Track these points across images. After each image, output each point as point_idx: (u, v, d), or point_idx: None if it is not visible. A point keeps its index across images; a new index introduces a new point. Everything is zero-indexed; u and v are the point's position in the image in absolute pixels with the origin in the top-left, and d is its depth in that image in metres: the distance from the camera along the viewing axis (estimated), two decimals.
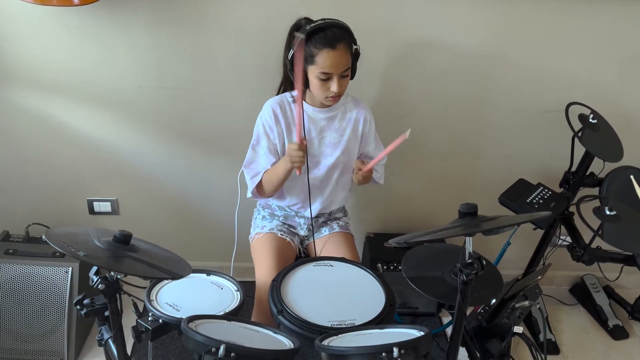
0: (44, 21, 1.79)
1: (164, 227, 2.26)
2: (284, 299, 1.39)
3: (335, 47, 1.48)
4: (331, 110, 1.69)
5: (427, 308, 2.23)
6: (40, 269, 1.83)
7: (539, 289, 1.86)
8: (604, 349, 2.23)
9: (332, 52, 1.48)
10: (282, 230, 1.81)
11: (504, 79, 2.00)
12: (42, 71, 1.87)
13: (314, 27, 1.49)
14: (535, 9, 1.86)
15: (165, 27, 1.83)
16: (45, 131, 1.99)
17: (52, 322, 1.86)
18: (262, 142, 1.69)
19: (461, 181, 2.25)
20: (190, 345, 1.11)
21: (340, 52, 1.49)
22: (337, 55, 1.49)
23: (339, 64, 1.50)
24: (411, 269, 1.44)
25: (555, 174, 2.05)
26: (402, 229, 2.32)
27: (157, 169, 2.12)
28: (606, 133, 1.95)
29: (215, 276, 1.58)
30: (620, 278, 2.22)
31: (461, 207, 1.27)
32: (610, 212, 1.74)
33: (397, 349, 1.06)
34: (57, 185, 2.12)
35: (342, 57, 1.50)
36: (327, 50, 1.48)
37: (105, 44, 1.84)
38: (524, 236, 2.16)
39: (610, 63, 1.99)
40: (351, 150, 1.74)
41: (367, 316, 1.35)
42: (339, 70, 1.51)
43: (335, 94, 1.54)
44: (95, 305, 1.26)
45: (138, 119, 2.00)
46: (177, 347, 1.98)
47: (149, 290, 1.46)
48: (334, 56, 1.49)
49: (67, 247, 1.12)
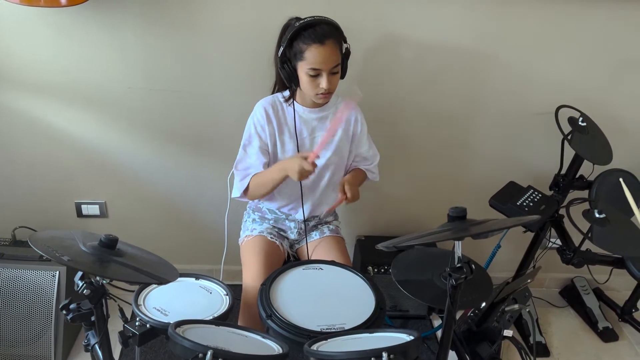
0: (32, 22, 1.77)
1: (153, 230, 2.24)
2: (273, 303, 1.38)
3: (324, 42, 1.48)
4: (323, 111, 1.68)
5: (417, 311, 2.23)
6: (26, 272, 1.81)
7: (528, 292, 1.87)
8: (594, 351, 2.24)
9: (321, 47, 1.48)
10: (271, 233, 1.80)
11: (495, 81, 2.01)
12: (29, 72, 1.85)
13: (303, 24, 1.49)
14: (526, 11, 1.87)
15: (155, 28, 1.81)
16: (32, 133, 1.97)
17: (39, 327, 1.84)
18: (253, 142, 1.67)
19: (452, 183, 2.25)
20: (178, 350, 1.10)
21: (330, 47, 1.49)
22: (326, 50, 1.49)
23: (329, 60, 1.50)
24: (401, 272, 1.44)
25: (545, 176, 2.05)
26: (393, 232, 2.32)
27: (146, 171, 2.10)
28: (595, 136, 1.96)
29: (204, 280, 1.56)
30: (610, 280, 2.23)
31: (450, 211, 1.27)
32: (600, 214, 1.75)
33: (386, 354, 1.06)
34: (45, 188, 2.10)
35: (332, 52, 1.50)
36: (316, 46, 1.48)
37: (93, 45, 1.82)
38: (514, 239, 2.16)
39: (600, 66, 2.00)
40: (342, 150, 1.74)
41: (357, 320, 1.34)
42: (328, 66, 1.51)
43: (325, 90, 1.54)
44: (81, 310, 1.24)
45: (127, 120, 1.98)
46: (165, 352, 1.97)
47: (137, 294, 1.44)
48: (323, 52, 1.49)
49: (52, 251, 1.11)
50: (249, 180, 1.66)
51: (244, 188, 1.67)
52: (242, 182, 1.68)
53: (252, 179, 1.66)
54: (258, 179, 1.65)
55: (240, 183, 1.68)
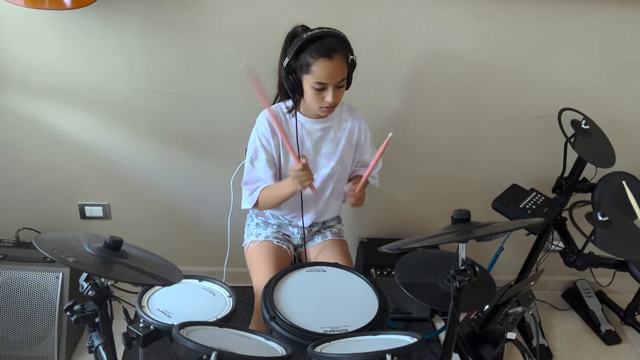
0: (36, 24, 1.77)
1: (156, 232, 2.24)
2: (276, 304, 1.38)
3: (331, 57, 1.45)
4: (326, 121, 1.66)
5: (420, 313, 2.22)
6: (30, 274, 1.82)
7: (531, 295, 1.87)
8: (597, 354, 2.24)
9: (328, 62, 1.45)
10: (277, 237, 1.80)
11: (497, 84, 2.01)
12: (33, 74, 1.86)
13: (311, 36, 1.45)
14: (528, 15, 1.87)
15: (158, 31, 1.82)
16: (36, 135, 1.98)
17: (42, 328, 1.85)
18: (260, 155, 1.65)
19: (454, 186, 2.25)
20: (182, 352, 1.10)
21: (337, 62, 1.46)
22: (334, 65, 1.46)
23: (335, 75, 1.47)
24: (404, 275, 1.44)
25: (548, 179, 2.05)
26: (395, 234, 2.32)
27: (149, 173, 2.11)
28: (598, 139, 1.96)
29: (207, 282, 1.56)
30: (613, 283, 2.22)
31: (454, 214, 1.27)
32: (603, 217, 1.74)
33: (390, 356, 1.06)
34: (48, 190, 2.10)
35: (338, 67, 1.47)
36: (323, 60, 1.45)
37: (97, 47, 1.83)
38: (517, 241, 2.16)
39: (603, 69, 2.01)
40: (346, 160, 1.73)
41: (360, 322, 1.34)
42: (334, 80, 1.48)
43: (329, 104, 1.52)
44: (85, 312, 1.25)
45: (130, 122, 1.99)
46: (168, 353, 1.97)
47: (141, 296, 1.44)
48: (330, 66, 1.46)
49: (57, 253, 1.11)
50: (259, 193, 1.65)
51: (254, 202, 1.66)
52: (252, 197, 1.66)
53: (262, 192, 1.65)
54: (268, 192, 1.64)
55: (250, 197, 1.67)
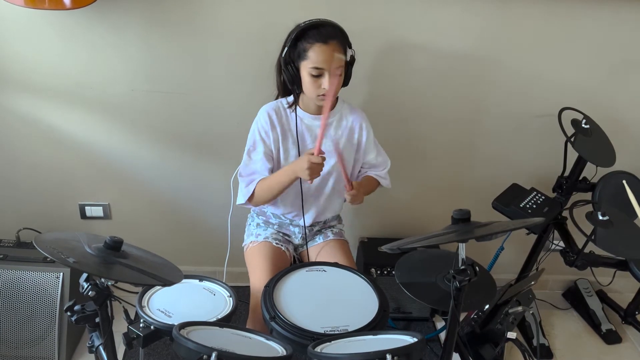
0: (36, 24, 1.77)
1: (156, 232, 2.24)
2: (276, 304, 1.38)
3: (327, 42, 1.49)
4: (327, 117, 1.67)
5: (420, 313, 2.22)
6: (30, 274, 1.81)
7: (532, 295, 1.86)
8: (597, 354, 2.23)
9: (324, 46, 1.49)
10: (277, 238, 1.80)
11: (497, 83, 2.01)
12: (33, 74, 1.86)
13: (308, 24, 1.50)
14: (528, 13, 1.87)
15: (158, 31, 1.82)
16: (36, 134, 1.98)
17: (42, 328, 1.84)
18: (258, 147, 1.66)
19: (455, 185, 2.25)
20: (182, 352, 1.10)
21: (333, 47, 1.50)
22: (329, 49, 1.49)
23: (331, 59, 1.50)
24: (404, 274, 1.44)
25: (549, 178, 2.05)
26: (396, 234, 2.32)
27: (150, 173, 2.11)
28: (599, 138, 1.96)
29: (207, 282, 1.56)
30: (613, 282, 2.22)
31: (454, 213, 1.27)
32: (603, 217, 1.74)
33: (390, 356, 1.06)
34: (49, 190, 2.10)
35: (335, 52, 1.50)
36: (319, 45, 1.49)
37: (97, 47, 1.83)
38: (518, 241, 2.16)
39: (603, 68, 2.00)
40: (346, 157, 1.73)
41: (361, 322, 1.34)
42: (330, 65, 1.50)
43: (326, 91, 1.52)
44: (85, 312, 1.25)
45: (130, 122, 1.99)
46: (169, 354, 1.97)
47: (141, 296, 1.44)
48: (326, 50, 1.49)
49: (57, 253, 1.11)
50: (255, 185, 1.65)
51: (250, 194, 1.66)
52: (248, 188, 1.66)
53: (258, 184, 1.64)
54: (264, 184, 1.64)
55: (246, 189, 1.66)
